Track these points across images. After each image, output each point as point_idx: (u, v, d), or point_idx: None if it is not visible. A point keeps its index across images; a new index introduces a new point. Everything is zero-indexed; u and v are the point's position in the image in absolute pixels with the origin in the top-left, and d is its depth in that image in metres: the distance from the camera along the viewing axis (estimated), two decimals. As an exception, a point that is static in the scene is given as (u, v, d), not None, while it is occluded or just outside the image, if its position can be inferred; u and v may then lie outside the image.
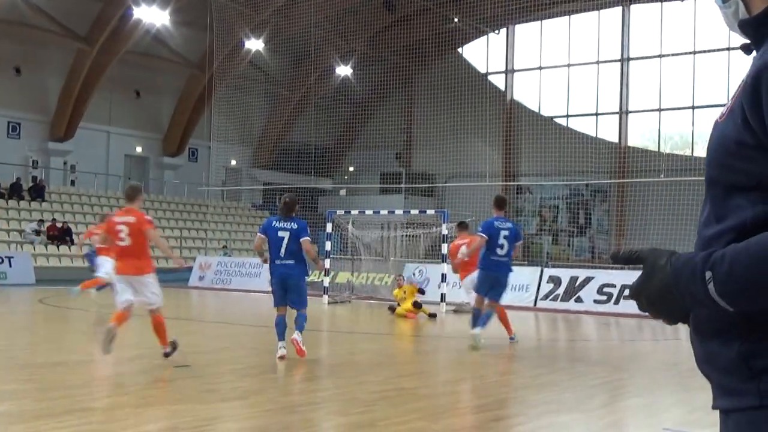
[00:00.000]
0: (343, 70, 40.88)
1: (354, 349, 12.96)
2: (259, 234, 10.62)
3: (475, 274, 14.16)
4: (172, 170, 40.84)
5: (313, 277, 26.97)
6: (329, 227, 22.68)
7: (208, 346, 12.86)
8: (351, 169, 44.45)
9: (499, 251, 12.80)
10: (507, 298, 22.30)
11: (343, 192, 42.81)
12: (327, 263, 22.31)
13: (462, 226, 18.05)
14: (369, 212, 23.60)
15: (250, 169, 42.16)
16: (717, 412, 1.74)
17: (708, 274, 1.46)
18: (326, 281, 22.52)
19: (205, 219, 38.08)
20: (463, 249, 14.56)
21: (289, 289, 10.47)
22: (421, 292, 19.08)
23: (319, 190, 41.82)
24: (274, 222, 10.48)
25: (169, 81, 39.40)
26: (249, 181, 41.68)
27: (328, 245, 22.53)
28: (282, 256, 10.38)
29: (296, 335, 10.54)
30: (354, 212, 23.55)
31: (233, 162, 42.07)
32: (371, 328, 16.56)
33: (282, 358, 10.51)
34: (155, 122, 40.14)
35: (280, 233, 10.39)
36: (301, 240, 10.36)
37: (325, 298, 22.18)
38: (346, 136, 43.02)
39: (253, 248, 15.89)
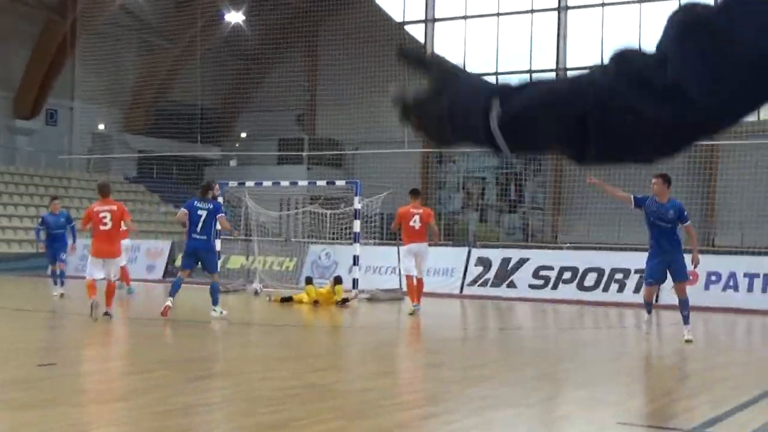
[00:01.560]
0: (234, 17, 40.40)
1: (252, 342, 12.92)
2: (182, 209, 15.06)
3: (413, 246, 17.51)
4: (25, 136, 39.82)
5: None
6: (219, 200, 22.47)
7: (73, 342, 12.67)
8: (243, 135, 44.05)
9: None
10: (430, 284, 22.81)
11: (233, 162, 42.48)
12: (218, 245, 22.19)
13: (415, 193, 18.52)
14: (267, 183, 23.45)
15: (122, 134, 41.43)
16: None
17: (495, 101, 1.39)
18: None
19: (68, 194, 37.23)
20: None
21: (204, 259, 15.15)
22: (338, 281, 19.22)
23: (206, 159, 41.35)
24: (195, 202, 14.93)
25: (21, 27, 38.28)
26: (121, 148, 40.98)
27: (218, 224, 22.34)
28: (198, 231, 14.85)
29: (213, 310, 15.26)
30: (249, 183, 23.38)
31: (101, 126, 41.28)
32: (271, 319, 16.53)
33: (165, 311, 14.45)
34: (3, 78, 39.00)
35: (200, 212, 14.81)
36: (217, 216, 15.05)
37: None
38: (237, 95, 42.60)
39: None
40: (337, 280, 19.18)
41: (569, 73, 1.49)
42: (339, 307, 18.69)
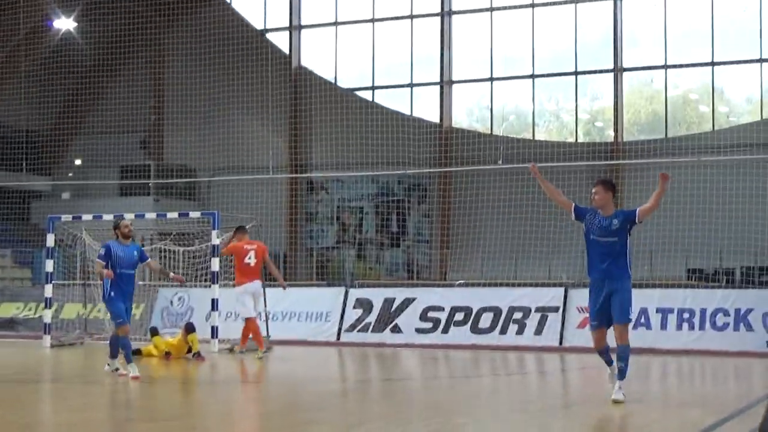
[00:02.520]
0: (64, 24, 39.64)
1: (93, 404, 12.50)
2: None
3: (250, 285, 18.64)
4: None
5: (26, 311, 26.12)
6: (50, 240, 21.93)
7: None
8: (78, 162, 43.16)
9: None
10: (301, 331, 22.56)
11: (66, 194, 41.54)
12: (48, 290, 21.65)
13: (241, 230, 19.46)
14: (108, 217, 22.89)
15: None
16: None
17: None
18: (47, 316, 21.72)
19: None
20: None
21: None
22: (190, 328, 18.86)
23: (33, 191, 40.39)
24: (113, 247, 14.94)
25: None
26: None
27: (49, 265, 21.77)
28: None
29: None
30: (86, 217, 22.83)
31: None
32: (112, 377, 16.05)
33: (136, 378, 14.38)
34: None
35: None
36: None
37: (47, 339, 21.55)
38: (69, 116, 41.72)
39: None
40: (189, 328, 18.82)
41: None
42: (195, 359, 18.34)
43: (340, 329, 22.62)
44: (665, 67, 36.86)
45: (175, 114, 41.16)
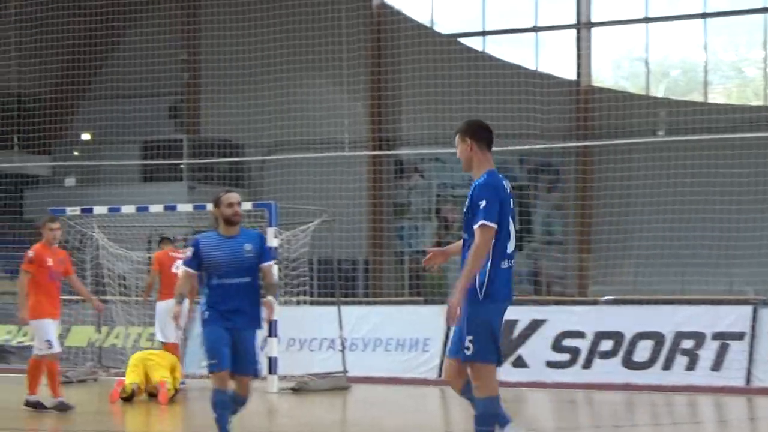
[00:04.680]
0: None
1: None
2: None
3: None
4: None
5: (20, 336, 26.48)
6: (50, 240, 22.18)
7: None
8: (86, 136, 43.61)
9: None
10: (391, 365, 22.58)
11: (71, 179, 42.00)
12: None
13: (166, 242, 21.71)
14: (128, 210, 23.15)
15: None
16: None
17: None
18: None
19: None
20: None
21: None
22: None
23: (28, 175, 40.93)
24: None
25: None
26: None
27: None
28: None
29: None
30: (99, 210, 23.05)
31: None
32: (144, 425, 16.31)
33: None
34: None
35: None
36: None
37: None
38: (74, 75, 42.28)
39: None
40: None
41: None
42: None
43: (442, 362, 22.56)
44: None
45: (215, 72, 41.40)
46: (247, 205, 23.27)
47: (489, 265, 10.33)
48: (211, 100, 41.89)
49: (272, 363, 20.65)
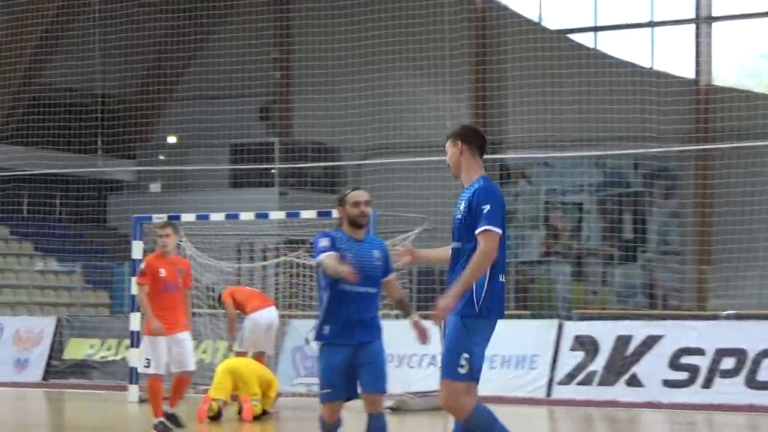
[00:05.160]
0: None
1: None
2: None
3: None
4: None
5: (104, 350, 26.70)
6: (136, 249, 22.35)
7: None
8: (171, 139, 43.98)
9: None
10: (496, 383, 22.59)
11: (155, 185, 42.31)
12: (134, 322, 21.93)
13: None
14: (216, 217, 23.26)
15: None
16: None
17: None
18: (133, 358, 22.08)
19: None
20: None
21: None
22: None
23: (111, 181, 41.41)
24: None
25: None
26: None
27: (135, 286, 22.17)
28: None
29: None
30: (186, 218, 23.23)
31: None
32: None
33: None
34: None
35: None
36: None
37: (134, 390, 21.90)
38: (160, 76, 42.65)
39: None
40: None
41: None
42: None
43: (551, 381, 22.55)
44: None
45: (308, 70, 41.55)
46: (340, 214, 23.47)
47: (488, 276, 10.36)
48: (303, 101, 42.07)
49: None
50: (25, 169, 38.95)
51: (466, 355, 10.21)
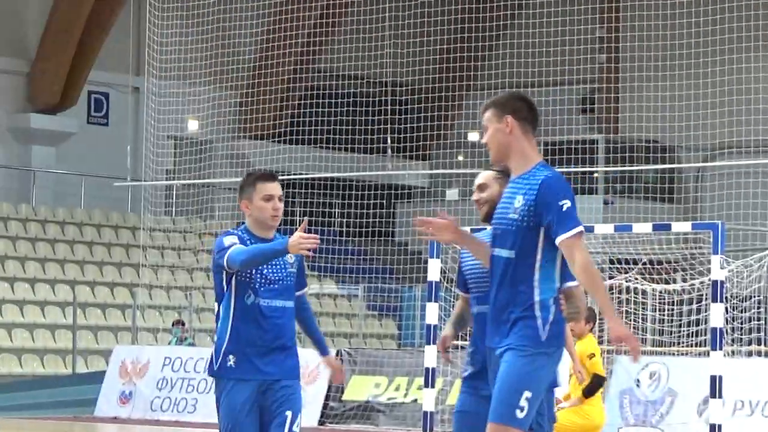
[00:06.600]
0: None
1: None
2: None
3: None
4: (50, 144, 41.08)
5: (391, 390, 27.11)
6: (433, 270, 22.54)
7: None
8: (473, 136, 44.36)
9: None
10: None
11: (452, 191, 42.78)
12: (430, 357, 22.17)
13: None
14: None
15: (236, 139, 42.29)
16: None
17: None
18: (428, 401, 22.35)
19: (128, 261, 38.38)
20: None
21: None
22: None
23: (399, 187, 42.17)
24: None
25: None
26: (231, 166, 41.74)
27: (432, 314, 22.26)
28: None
29: None
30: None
31: (193, 126, 42.41)
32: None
33: None
34: (11, 35, 40.66)
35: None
36: None
37: None
38: (459, 60, 43.08)
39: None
40: None
41: None
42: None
43: None
44: None
45: (640, 52, 41.56)
46: (684, 226, 23.41)
47: (553, 295, 9.44)
48: (632, 90, 42.06)
49: (716, 432, 20.60)
50: (299, 173, 39.73)
51: (528, 394, 9.19)
